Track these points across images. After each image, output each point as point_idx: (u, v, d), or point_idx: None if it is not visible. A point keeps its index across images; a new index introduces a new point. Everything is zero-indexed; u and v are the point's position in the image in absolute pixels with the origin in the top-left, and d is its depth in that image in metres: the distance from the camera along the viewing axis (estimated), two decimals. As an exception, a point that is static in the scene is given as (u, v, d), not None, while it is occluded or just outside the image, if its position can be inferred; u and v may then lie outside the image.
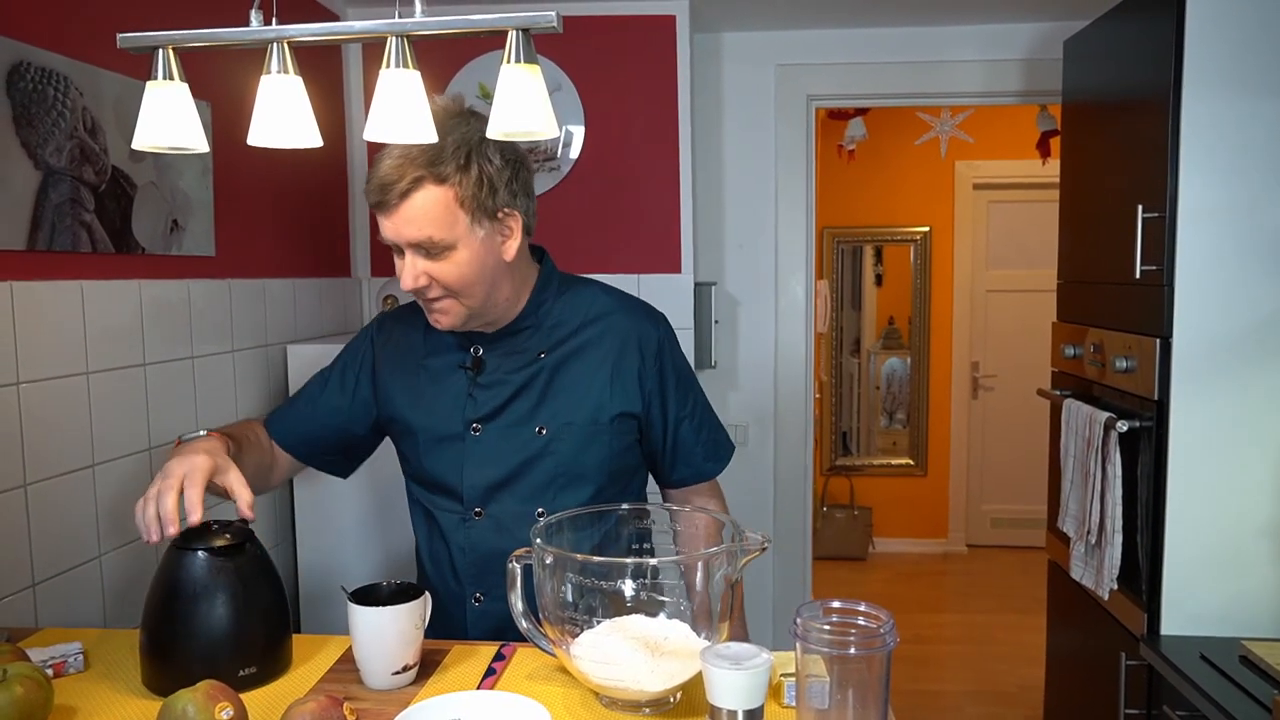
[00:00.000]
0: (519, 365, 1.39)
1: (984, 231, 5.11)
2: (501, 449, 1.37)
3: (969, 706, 3.42)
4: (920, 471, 5.25)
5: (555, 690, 1.15)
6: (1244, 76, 1.77)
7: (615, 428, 1.39)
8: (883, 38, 2.94)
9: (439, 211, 1.25)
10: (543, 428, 1.37)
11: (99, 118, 1.65)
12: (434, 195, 1.25)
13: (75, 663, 1.20)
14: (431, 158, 1.24)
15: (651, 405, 1.42)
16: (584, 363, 1.39)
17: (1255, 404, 1.81)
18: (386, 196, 1.25)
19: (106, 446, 1.69)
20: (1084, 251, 2.29)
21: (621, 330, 1.41)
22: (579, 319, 1.42)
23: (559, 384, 1.38)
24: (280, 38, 1.07)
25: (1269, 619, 1.83)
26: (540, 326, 1.40)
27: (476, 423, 1.38)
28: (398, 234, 1.27)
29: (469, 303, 1.32)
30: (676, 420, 1.45)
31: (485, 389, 1.38)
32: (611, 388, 1.39)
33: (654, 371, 1.42)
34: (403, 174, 1.23)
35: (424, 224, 1.25)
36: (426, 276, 1.29)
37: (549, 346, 1.39)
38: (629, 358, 1.40)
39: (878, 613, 0.97)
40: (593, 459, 1.38)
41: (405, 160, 1.24)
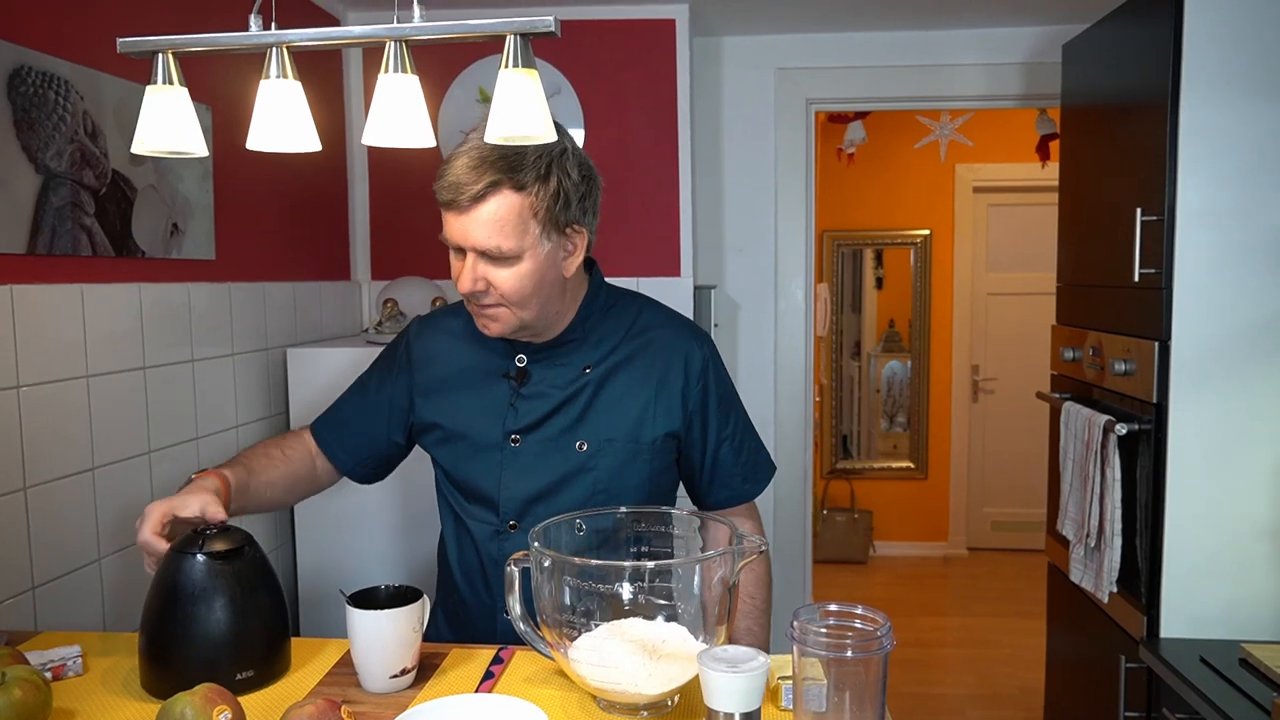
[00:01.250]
0: (564, 378, 1.36)
1: (984, 235, 5.12)
2: (540, 462, 1.35)
3: (970, 710, 3.42)
4: (921, 475, 5.24)
5: (553, 693, 1.15)
6: (1242, 80, 1.78)
7: (656, 447, 1.37)
8: (882, 41, 2.94)
9: (512, 219, 1.22)
10: (584, 443, 1.35)
11: (99, 122, 1.66)
12: (509, 202, 1.22)
13: (74, 666, 1.21)
14: (512, 163, 1.21)
15: (693, 425, 1.39)
16: (628, 379, 1.37)
17: (1254, 407, 1.81)
18: (459, 196, 1.21)
19: (106, 450, 1.69)
20: (1083, 255, 2.29)
21: (667, 347, 1.39)
22: (623, 333, 1.39)
23: (603, 400, 1.36)
24: (279, 42, 1.08)
25: (1268, 622, 1.83)
26: (586, 340, 1.37)
27: (516, 433, 1.35)
28: (464, 236, 1.24)
29: (522, 313, 1.29)
30: (718, 441, 1.42)
31: (527, 400, 1.36)
32: (655, 406, 1.36)
33: (698, 391, 1.39)
34: (480, 176, 1.20)
35: (495, 230, 1.22)
36: (485, 282, 1.26)
37: (594, 361, 1.37)
38: (673, 376, 1.37)
39: (874, 615, 0.97)
40: (632, 478, 1.36)
41: (484, 162, 1.20)
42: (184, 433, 1.93)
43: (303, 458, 1.47)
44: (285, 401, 2.30)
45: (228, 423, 2.09)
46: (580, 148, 1.31)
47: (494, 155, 1.20)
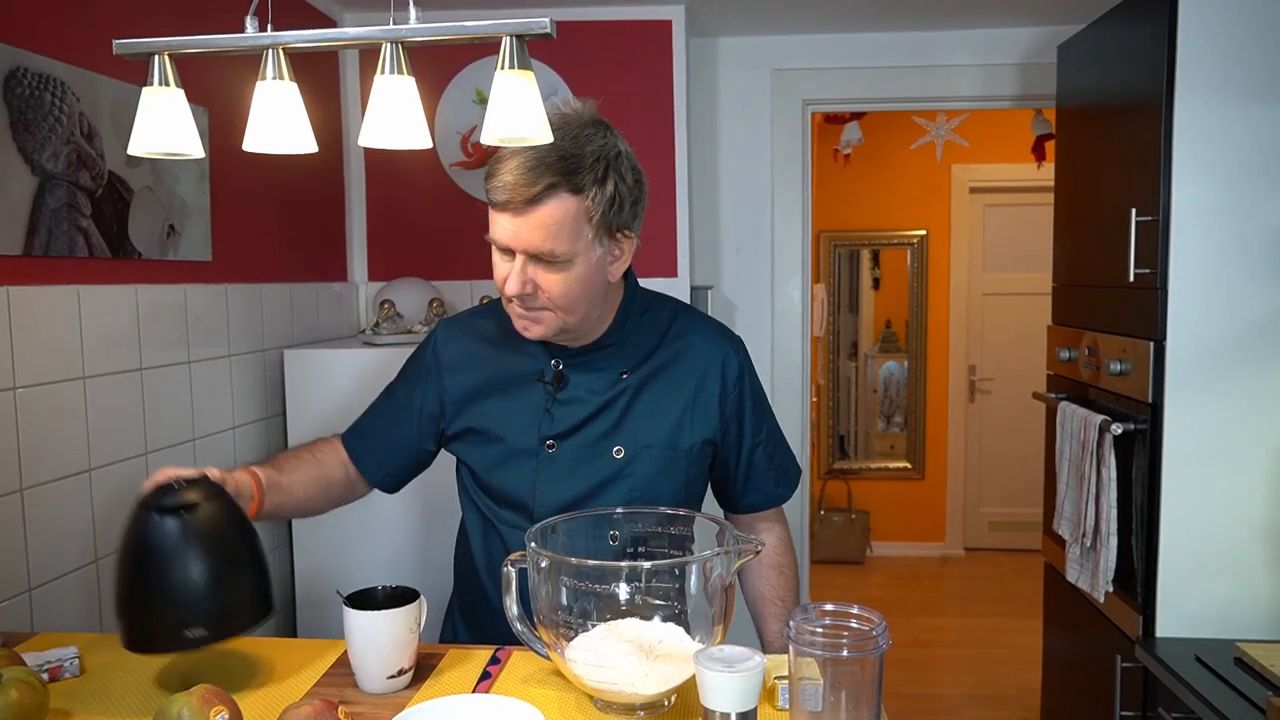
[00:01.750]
0: (601, 384, 1.34)
1: (980, 235, 5.13)
2: (577, 468, 1.33)
3: (967, 710, 3.43)
4: (918, 475, 5.25)
5: (550, 694, 1.15)
6: (1235, 81, 1.78)
7: (694, 454, 1.35)
8: (878, 42, 2.95)
9: (568, 223, 1.19)
10: (621, 449, 1.33)
11: (96, 123, 1.66)
12: (566, 205, 1.19)
13: (71, 667, 1.21)
14: (571, 165, 1.18)
15: (729, 430, 1.38)
16: (665, 385, 1.35)
17: (1248, 407, 1.82)
18: (514, 197, 1.17)
19: (103, 451, 1.69)
20: (1078, 255, 2.29)
21: (704, 353, 1.37)
22: (658, 338, 1.37)
23: (640, 406, 1.34)
24: (276, 44, 1.08)
25: (1263, 621, 1.83)
26: (623, 345, 1.35)
27: (552, 439, 1.33)
28: (516, 238, 1.20)
29: (568, 317, 1.26)
30: (752, 446, 1.41)
31: (564, 405, 1.33)
32: (693, 413, 1.35)
33: (734, 397, 1.38)
34: (539, 178, 1.17)
35: (550, 234, 1.19)
36: (533, 284, 1.23)
37: (631, 366, 1.35)
38: (710, 382, 1.36)
39: (870, 615, 0.97)
40: (669, 484, 1.34)
41: (541, 163, 1.17)
42: (181, 434, 1.93)
43: (335, 463, 1.44)
44: (282, 403, 2.30)
45: (224, 424, 2.09)
46: (630, 149, 1.29)
47: (552, 156, 1.17)
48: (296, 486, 1.37)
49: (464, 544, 1.46)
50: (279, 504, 1.34)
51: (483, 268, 2.94)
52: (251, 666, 1.25)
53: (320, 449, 1.45)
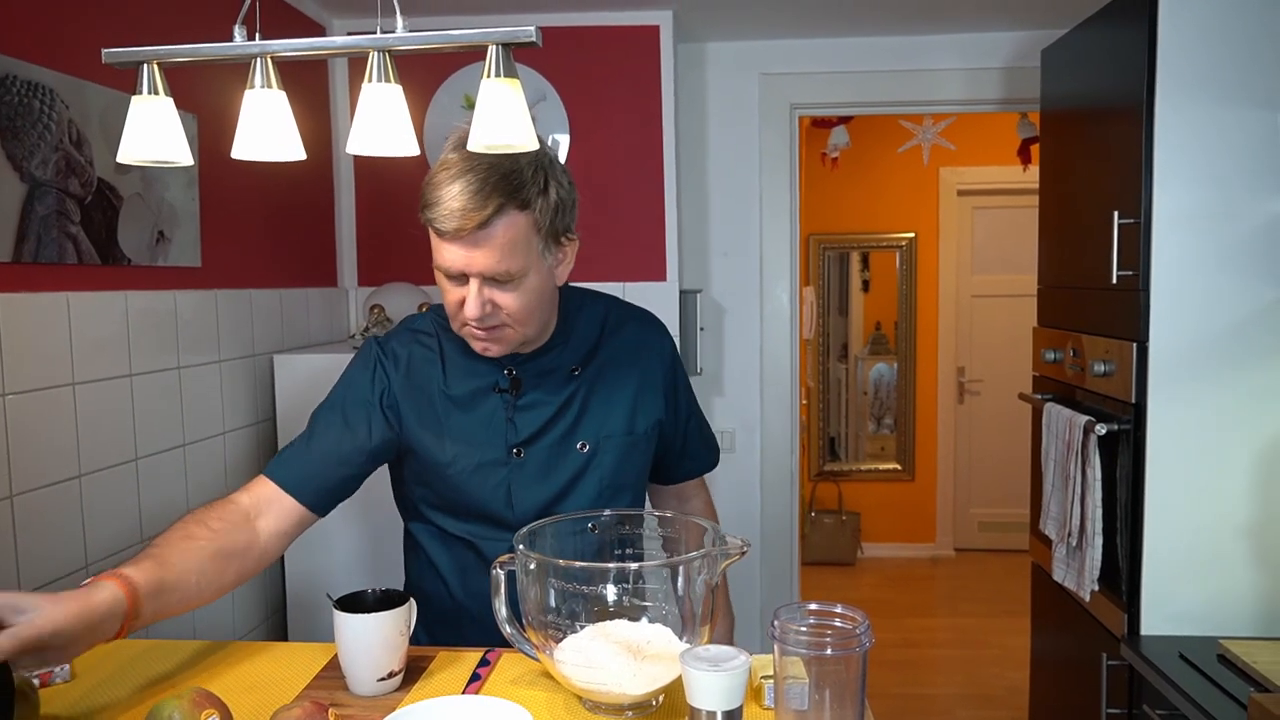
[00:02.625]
0: (556, 384, 1.36)
1: (968, 237, 5.16)
2: (547, 470, 1.35)
3: (958, 709, 3.44)
4: (908, 476, 5.27)
5: (539, 695, 1.16)
6: (1215, 85, 1.80)
7: (649, 436, 1.42)
8: (865, 47, 2.97)
9: (520, 240, 1.19)
10: (585, 443, 1.36)
11: (85, 130, 1.66)
12: (516, 223, 1.18)
13: (62, 673, 1.21)
14: (514, 182, 1.17)
15: (669, 409, 1.46)
16: (614, 375, 1.40)
17: (1231, 406, 1.84)
18: (466, 224, 1.15)
19: (93, 457, 1.69)
20: (1063, 257, 2.32)
21: (640, 340, 1.44)
22: (598, 331, 1.41)
23: (596, 398, 1.38)
24: (264, 53, 1.09)
25: (1246, 618, 1.85)
26: (568, 343, 1.38)
27: (518, 446, 1.34)
28: (471, 263, 1.18)
29: (526, 330, 1.27)
30: (687, 418, 1.51)
31: (524, 411, 1.34)
32: (642, 396, 1.41)
33: (671, 377, 1.47)
34: (486, 201, 1.15)
35: (505, 255, 1.18)
36: (491, 304, 1.22)
37: (580, 362, 1.38)
38: (651, 366, 1.43)
39: (853, 614, 0.98)
40: (633, 468, 1.41)
41: (485, 185, 1.15)
42: (171, 439, 1.93)
43: (235, 525, 1.22)
44: (272, 407, 2.30)
45: (214, 429, 2.10)
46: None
47: (494, 177, 1.16)
48: (190, 576, 1.14)
49: (425, 571, 1.42)
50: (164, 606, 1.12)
51: (472, 272, 2.93)
52: (242, 669, 1.25)
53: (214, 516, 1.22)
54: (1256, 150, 1.81)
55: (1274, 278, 1.81)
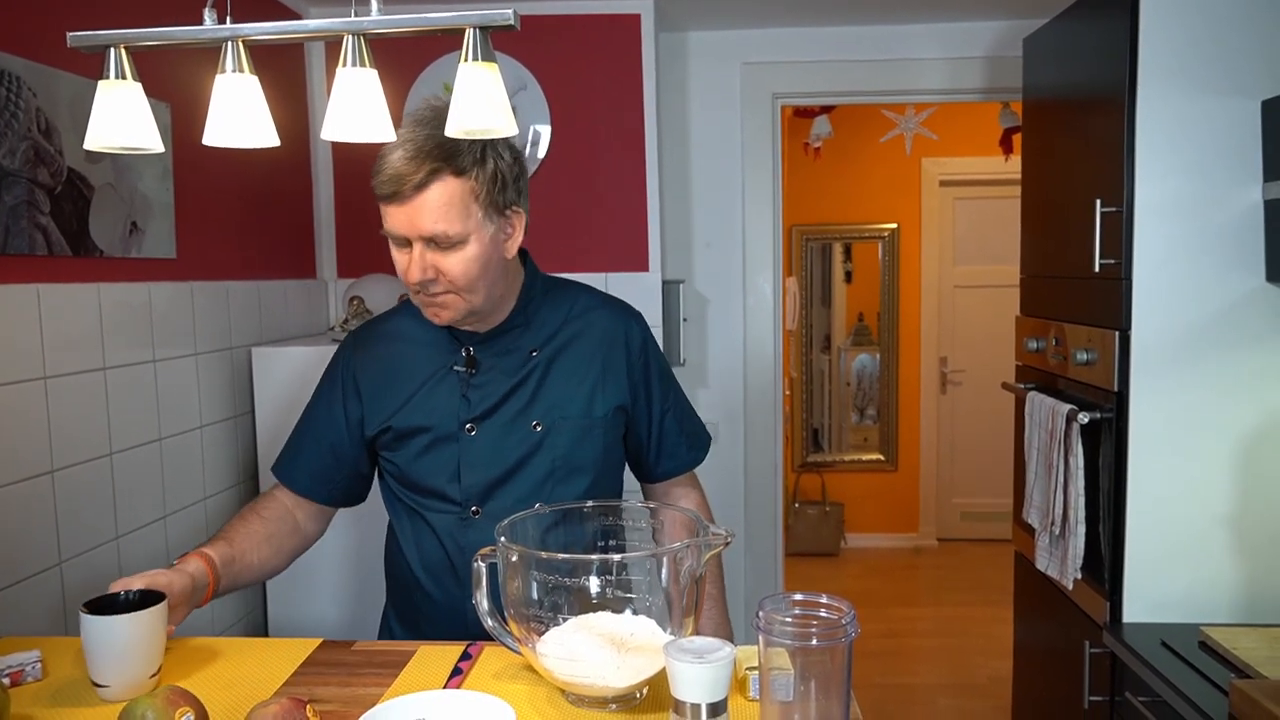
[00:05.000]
0: (512, 364, 1.40)
1: (950, 228, 5.17)
2: (498, 446, 1.38)
3: (941, 699, 3.46)
4: (891, 467, 5.29)
5: (521, 688, 1.15)
6: (1197, 73, 1.80)
7: (608, 421, 1.42)
8: (847, 36, 2.96)
9: (456, 204, 1.26)
10: (538, 423, 1.38)
11: (54, 119, 1.63)
12: (452, 188, 1.25)
13: (33, 671, 1.19)
14: (449, 151, 1.24)
15: (638, 398, 1.46)
16: (574, 358, 1.42)
17: (1213, 395, 1.84)
18: (402, 187, 1.23)
19: (66, 452, 1.66)
20: (1045, 246, 2.32)
21: (607, 327, 1.45)
22: (563, 316, 1.44)
23: (552, 379, 1.40)
24: (235, 36, 1.06)
25: (1227, 605, 1.86)
26: (529, 325, 1.41)
27: (470, 422, 1.38)
28: (410, 225, 1.26)
29: (471, 298, 1.32)
30: (661, 412, 1.49)
31: (479, 388, 1.39)
32: (603, 381, 1.42)
33: (640, 365, 1.46)
34: (420, 165, 1.23)
35: (440, 217, 1.25)
36: (434, 270, 1.28)
37: (539, 344, 1.41)
38: (616, 353, 1.44)
39: (838, 604, 0.97)
40: (588, 452, 1.41)
41: (421, 152, 1.23)
42: (147, 434, 1.90)
43: (281, 514, 1.45)
44: (250, 401, 2.27)
45: (191, 423, 2.07)
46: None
47: (430, 144, 1.23)
48: (250, 555, 1.37)
49: (394, 546, 1.49)
50: (235, 578, 1.35)
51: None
52: (219, 666, 1.23)
53: (263, 506, 1.45)
54: (1237, 138, 1.81)
55: (1255, 266, 1.82)
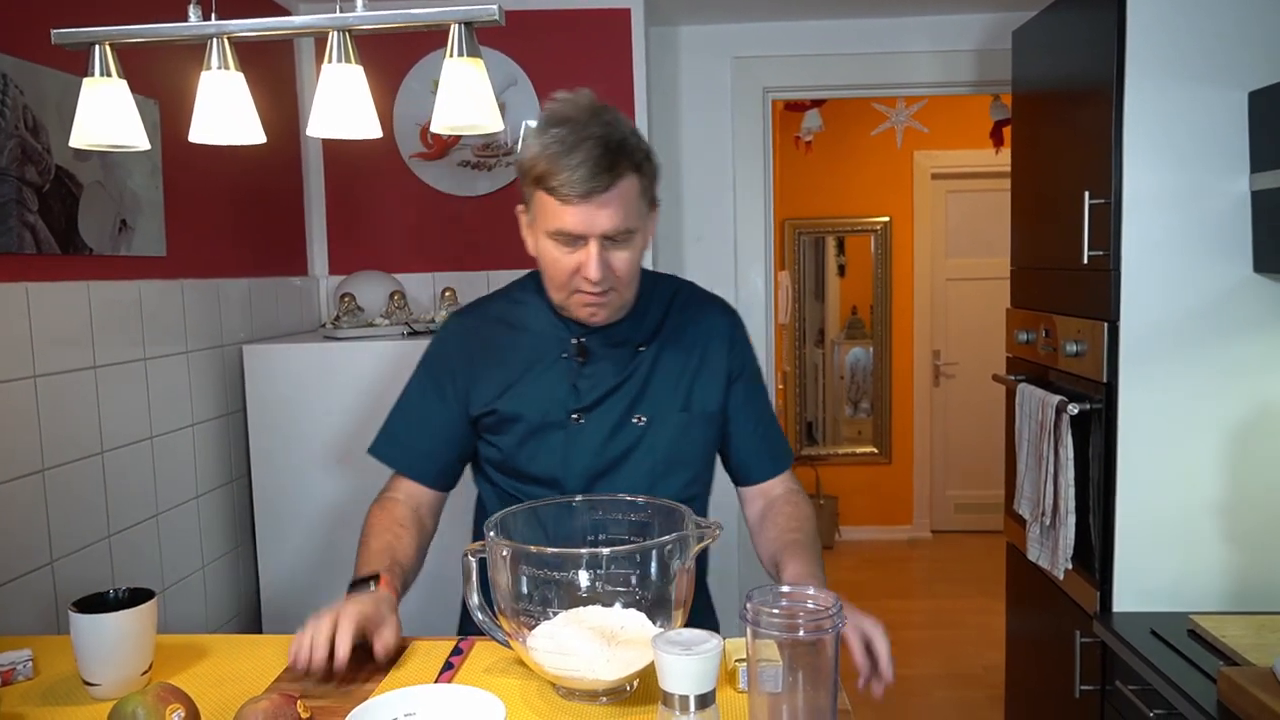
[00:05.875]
0: (621, 356, 1.40)
1: (942, 221, 5.17)
2: (603, 438, 1.38)
3: (936, 690, 3.47)
4: (884, 459, 5.30)
5: (512, 683, 1.15)
6: (1184, 65, 1.81)
7: (708, 417, 1.42)
8: (837, 30, 2.96)
9: (635, 200, 1.28)
10: (641, 417, 1.39)
11: (41, 117, 1.63)
12: (633, 184, 1.27)
13: (24, 670, 1.19)
14: (628, 147, 1.26)
15: (734, 396, 1.45)
16: (675, 354, 1.42)
17: (1201, 385, 1.85)
18: (598, 185, 1.23)
19: (57, 451, 1.66)
20: (1035, 238, 2.32)
21: (708, 322, 1.46)
22: (664, 309, 1.44)
23: (657, 374, 1.40)
24: (220, 33, 1.06)
25: (1215, 593, 1.87)
26: (636, 319, 1.41)
27: (578, 412, 1.38)
28: (593, 224, 1.25)
29: (627, 294, 1.34)
30: (763, 410, 1.48)
31: (588, 378, 1.38)
32: (702, 378, 1.42)
33: (738, 363, 1.46)
34: (615, 163, 1.24)
35: (626, 214, 1.26)
36: (607, 266, 1.28)
37: (645, 338, 1.41)
38: (715, 349, 1.44)
39: (825, 596, 0.98)
40: (689, 448, 1.41)
41: (609, 151, 1.24)
42: (138, 432, 1.90)
43: (412, 518, 1.42)
44: (242, 399, 2.27)
45: (183, 421, 2.07)
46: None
47: (612, 143, 1.24)
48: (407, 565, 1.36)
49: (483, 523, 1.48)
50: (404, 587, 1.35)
51: (443, 259, 2.92)
52: (210, 663, 1.24)
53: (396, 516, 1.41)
54: (1224, 130, 1.81)
55: (1242, 257, 1.83)
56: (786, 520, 1.41)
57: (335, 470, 2.22)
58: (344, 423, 2.21)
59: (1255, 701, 1.38)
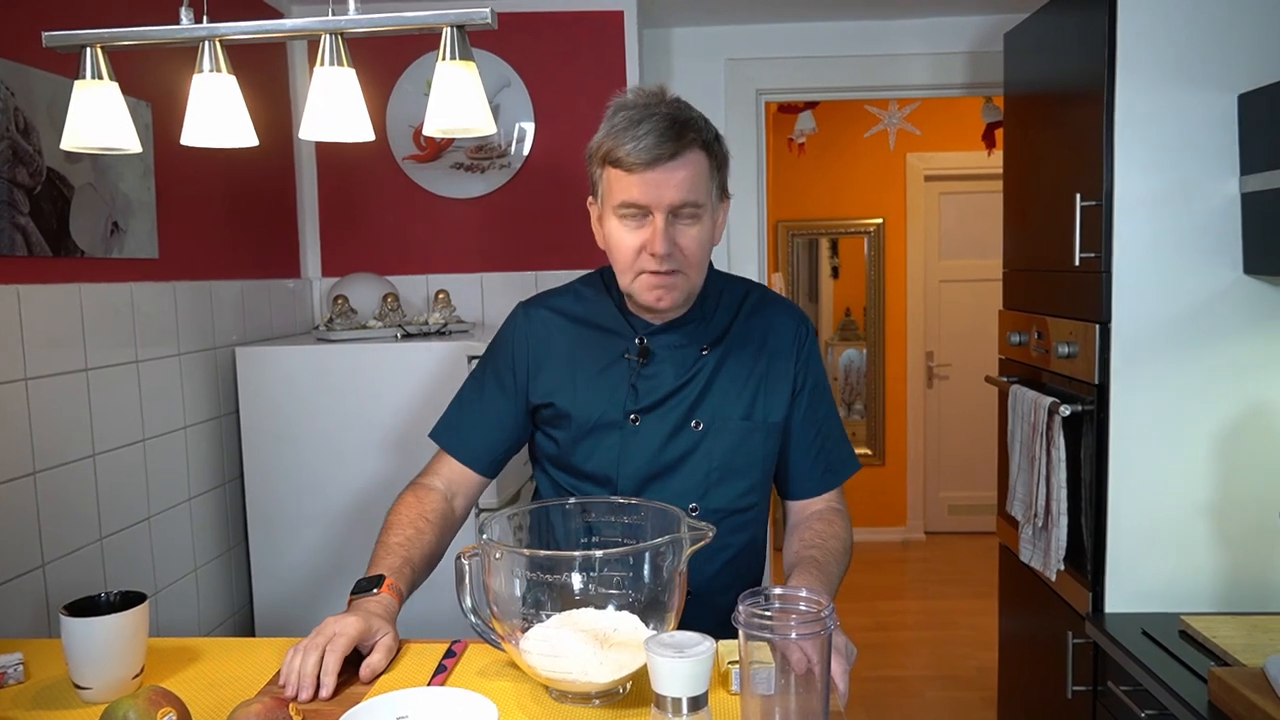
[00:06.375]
0: (684, 358, 1.37)
1: (935, 222, 5.19)
2: (659, 441, 1.36)
3: (929, 690, 3.48)
4: (878, 461, 5.31)
5: (506, 685, 1.15)
6: (1174, 68, 1.82)
7: (770, 426, 1.39)
8: (830, 32, 2.97)
9: (703, 175, 1.27)
10: (699, 422, 1.36)
11: (32, 118, 1.62)
12: (701, 159, 1.27)
13: (15, 673, 1.18)
14: (696, 124, 1.26)
15: (800, 403, 1.42)
16: (741, 360, 1.39)
17: (1192, 386, 1.86)
18: (663, 152, 1.23)
19: (49, 453, 1.66)
20: (1027, 240, 2.33)
21: (777, 329, 1.42)
22: (733, 314, 1.42)
23: (719, 380, 1.37)
24: (212, 36, 1.06)
25: (1206, 594, 1.88)
26: (703, 320, 1.39)
27: (636, 413, 1.36)
28: (659, 194, 1.24)
29: (695, 279, 1.32)
30: (822, 422, 1.45)
31: (648, 380, 1.37)
32: (767, 385, 1.39)
33: (804, 372, 1.43)
34: (682, 133, 1.23)
35: (692, 186, 1.25)
36: (673, 243, 1.27)
37: (710, 342, 1.39)
38: (783, 358, 1.41)
39: (817, 597, 0.98)
40: (748, 456, 1.38)
41: (676, 123, 1.24)
42: (130, 435, 1.90)
43: (443, 511, 1.41)
44: (235, 401, 2.27)
45: (175, 424, 2.06)
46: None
47: (682, 118, 1.25)
48: (423, 566, 1.35)
49: None
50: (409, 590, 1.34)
51: (436, 261, 2.92)
52: (203, 667, 1.23)
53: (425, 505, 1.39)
54: (1214, 133, 1.82)
55: (1232, 259, 1.84)
56: (812, 535, 1.39)
57: (328, 473, 2.21)
58: (337, 425, 2.20)
59: (1246, 702, 1.39)
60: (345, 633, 1.16)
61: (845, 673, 1.13)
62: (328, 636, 1.15)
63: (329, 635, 1.15)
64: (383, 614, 1.22)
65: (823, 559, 1.32)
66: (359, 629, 1.17)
